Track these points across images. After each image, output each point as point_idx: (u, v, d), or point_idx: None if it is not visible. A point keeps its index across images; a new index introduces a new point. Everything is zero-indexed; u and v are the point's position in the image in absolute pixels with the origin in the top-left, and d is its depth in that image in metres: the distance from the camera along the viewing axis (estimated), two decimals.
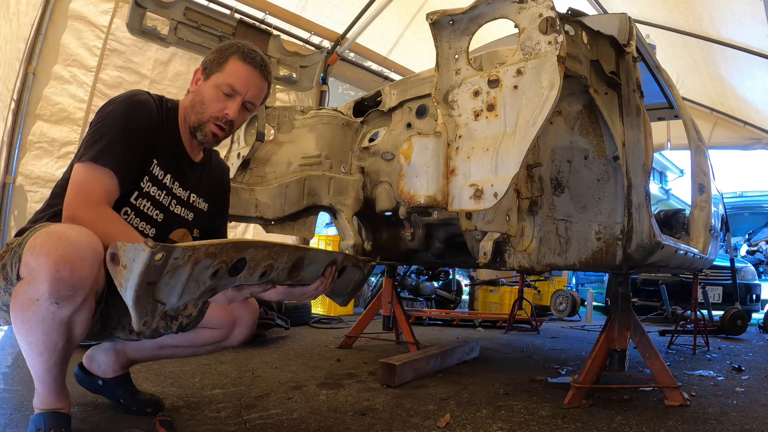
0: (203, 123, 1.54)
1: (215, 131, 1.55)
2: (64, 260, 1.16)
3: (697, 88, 6.02)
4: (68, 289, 1.18)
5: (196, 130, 1.55)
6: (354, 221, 2.86)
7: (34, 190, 3.52)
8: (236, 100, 1.52)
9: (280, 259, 1.30)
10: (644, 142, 1.97)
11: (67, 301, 1.19)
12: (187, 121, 1.57)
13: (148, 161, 1.50)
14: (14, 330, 1.26)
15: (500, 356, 3.40)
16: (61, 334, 1.24)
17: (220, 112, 1.52)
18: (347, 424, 1.74)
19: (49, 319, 1.21)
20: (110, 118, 1.42)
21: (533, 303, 5.61)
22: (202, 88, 1.54)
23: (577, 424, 1.84)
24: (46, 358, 1.27)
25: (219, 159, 1.82)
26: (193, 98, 1.56)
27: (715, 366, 3.26)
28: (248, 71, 1.52)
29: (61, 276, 1.16)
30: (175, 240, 1.64)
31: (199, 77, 1.56)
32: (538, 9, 1.46)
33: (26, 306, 1.21)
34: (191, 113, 1.56)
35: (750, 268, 7.04)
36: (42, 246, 1.18)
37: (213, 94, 1.52)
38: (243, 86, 1.52)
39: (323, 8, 4.94)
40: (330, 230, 8.19)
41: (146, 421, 1.58)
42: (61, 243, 1.17)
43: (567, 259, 2.12)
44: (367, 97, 2.93)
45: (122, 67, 3.90)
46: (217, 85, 1.51)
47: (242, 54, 1.52)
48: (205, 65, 1.55)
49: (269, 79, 1.60)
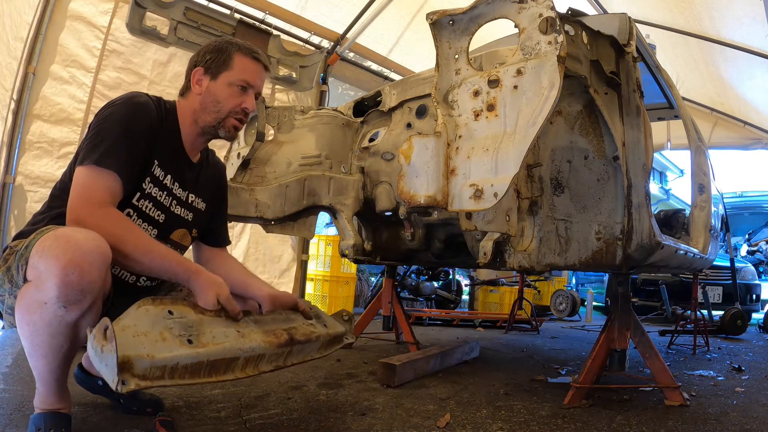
0: (222, 119, 1.58)
1: (236, 125, 1.61)
2: (73, 264, 1.16)
3: (697, 88, 6.01)
4: (77, 293, 1.18)
5: (217, 128, 1.60)
6: (354, 221, 2.86)
7: (34, 190, 3.51)
8: (251, 94, 1.60)
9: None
10: (644, 142, 1.97)
11: (76, 305, 1.19)
12: (198, 122, 1.59)
13: (150, 162, 1.50)
14: (19, 331, 1.26)
15: (500, 356, 3.40)
16: (66, 337, 1.24)
17: (239, 106, 1.58)
18: (347, 424, 1.74)
19: (56, 322, 1.21)
20: (110, 120, 1.42)
21: (533, 303, 5.62)
22: (213, 88, 1.57)
23: (577, 424, 1.84)
24: (50, 359, 1.27)
25: (216, 158, 1.83)
26: (203, 99, 1.57)
27: (715, 366, 3.26)
28: (255, 65, 1.59)
29: (69, 280, 1.16)
30: (176, 240, 1.65)
31: (200, 78, 1.57)
32: (538, 9, 1.46)
33: (33, 308, 1.21)
34: (204, 114, 1.58)
35: (750, 268, 7.05)
36: (50, 249, 1.18)
37: (228, 92, 1.57)
38: (255, 79, 1.60)
39: (323, 8, 4.93)
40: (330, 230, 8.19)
41: (146, 421, 1.58)
42: (69, 247, 1.17)
43: (567, 259, 2.12)
44: (367, 97, 2.93)
45: (121, 68, 3.89)
46: (230, 83, 1.56)
47: (244, 50, 1.59)
48: (207, 66, 1.57)
49: (269, 68, 1.68)
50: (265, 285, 1.67)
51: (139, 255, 1.32)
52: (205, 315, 1.33)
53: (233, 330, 1.35)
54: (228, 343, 1.30)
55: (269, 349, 1.41)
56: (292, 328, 1.55)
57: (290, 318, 1.62)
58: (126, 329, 1.12)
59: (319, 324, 1.70)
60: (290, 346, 1.49)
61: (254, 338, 1.38)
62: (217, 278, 1.40)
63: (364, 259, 2.97)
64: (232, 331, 1.35)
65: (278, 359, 1.47)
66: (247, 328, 1.41)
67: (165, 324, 1.21)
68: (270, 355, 1.43)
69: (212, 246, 1.78)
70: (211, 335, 1.29)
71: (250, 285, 1.64)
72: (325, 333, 1.67)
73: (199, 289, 1.36)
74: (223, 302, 1.36)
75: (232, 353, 1.30)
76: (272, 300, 1.58)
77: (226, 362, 1.29)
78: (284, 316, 1.60)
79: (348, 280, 5.65)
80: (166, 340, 1.17)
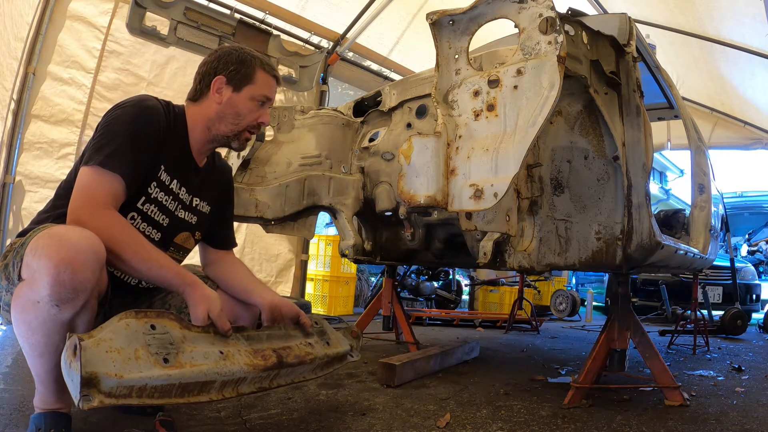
0: (239, 132, 1.62)
1: (248, 137, 1.66)
2: (66, 263, 1.16)
3: (697, 88, 6.02)
4: (69, 292, 1.18)
5: (231, 139, 1.63)
6: (354, 221, 2.86)
7: (34, 190, 3.52)
8: (267, 108, 1.65)
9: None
10: (644, 142, 1.97)
11: (68, 303, 1.19)
12: (212, 129, 1.60)
13: (156, 167, 1.51)
14: (15, 331, 1.26)
15: (500, 356, 3.40)
16: (62, 337, 1.23)
17: (256, 120, 1.62)
18: (347, 424, 1.74)
19: (51, 321, 1.21)
20: (119, 122, 1.42)
21: (533, 303, 5.62)
22: (235, 100, 1.58)
23: (577, 424, 1.84)
24: (47, 359, 1.27)
25: (222, 160, 1.84)
26: (222, 109, 1.58)
27: (715, 366, 3.26)
28: (273, 81, 1.65)
29: (62, 279, 1.16)
30: (179, 243, 1.65)
31: (221, 87, 1.57)
32: (538, 9, 1.46)
33: (27, 308, 1.21)
34: (221, 124, 1.59)
35: (750, 268, 7.05)
36: (43, 248, 1.18)
37: (250, 106, 1.60)
38: (273, 94, 1.66)
39: (323, 8, 4.94)
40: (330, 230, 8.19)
41: (146, 421, 1.58)
42: (62, 246, 1.17)
43: (567, 259, 2.12)
44: (367, 97, 2.93)
45: (120, 69, 3.88)
46: (252, 97, 1.60)
47: (266, 66, 1.64)
48: (230, 76, 1.57)
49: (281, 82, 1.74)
50: (267, 291, 1.67)
51: (136, 262, 1.32)
52: (191, 331, 1.29)
53: (216, 350, 1.30)
54: (206, 365, 1.25)
55: (252, 373, 1.35)
56: (285, 348, 1.48)
57: (289, 334, 1.56)
58: (101, 343, 1.10)
59: (320, 343, 1.64)
60: (278, 369, 1.42)
61: (237, 360, 1.32)
62: (211, 293, 1.39)
63: (364, 259, 2.97)
64: (215, 351, 1.29)
65: (263, 381, 1.41)
66: (235, 347, 1.35)
67: (143, 340, 1.17)
68: (253, 378, 1.37)
69: (218, 248, 1.78)
70: (191, 355, 1.23)
71: (252, 291, 1.64)
72: (323, 354, 1.61)
73: (191, 302, 1.35)
74: (214, 318, 1.34)
75: (208, 377, 1.25)
76: (272, 309, 1.58)
77: (200, 384, 1.24)
78: (282, 332, 1.55)
79: (348, 280, 5.65)
80: (139, 358, 1.14)
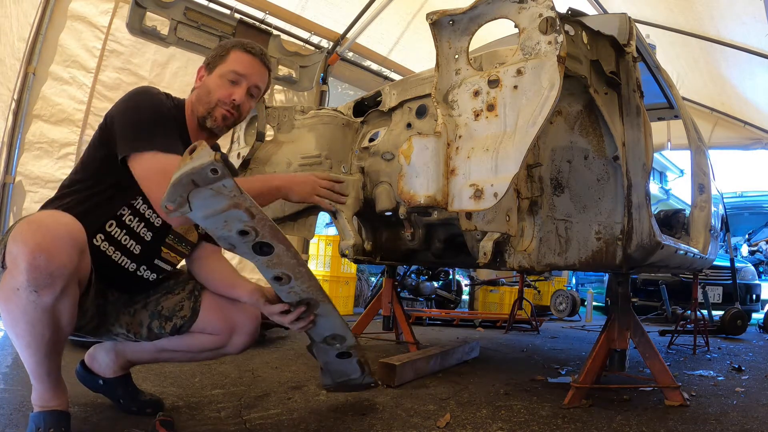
0: (211, 109, 1.59)
1: (224, 114, 1.59)
2: (41, 248, 1.16)
3: (697, 88, 6.01)
4: (45, 277, 1.18)
5: (205, 119, 1.60)
6: (354, 221, 2.86)
7: (34, 191, 3.51)
8: (242, 86, 1.60)
9: (299, 282, 1.39)
10: (644, 142, 1.97)
11: (47, 288, 1.19)
12: (194, 114, 1.61)
13: None
14: (3, 323, 1.26)
15: (500, 356, 3.40)
16: (46, 325, 1.24)
17: (228, 97, 1.58)
18: (347, 424, 1.74)
19: (31, 308, 1.21)
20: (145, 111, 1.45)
21: (533, 303, 5.62)
22: (207, 81, 1.60)
23: (577, 424, 1.84)
24: (34, 350, 1.26)
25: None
26: (198, 92, 1.61)
27: (715, 366, 3.26)
28: (250, 58, 1.61)
29: (37, 264, 1.16)
30: (181, 233, 1.67)
31: (202, 74, 1.63)
32: (538, 9, 1.46)
33: (9, 296, 1.21)
34: (198, 105, 1.60)
35: (750, 268, 7.05)
36: (20, 234, 1.19)
37: (219, 83, 1.58)
38: (246, 70, 1.60)
39: (323, 8, 4.94)
40: (330, 230, 8.20)
41: (146, 421, 1.58)
42: (39, 231, 1.18)
43: (567, 259, 2.12)
44: (367, 97, 2.93)
45: (121, 69, 3.89)
46: (221, 74, 1.58)
47: (242, 45, 1.62)
48: (208, 62, 1.63)
49: (270, 67, 1.67)
50: (250, 283, 1.69)
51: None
52: None
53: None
54: None
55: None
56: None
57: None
58: None
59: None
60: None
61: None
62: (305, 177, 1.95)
63: (364, 259, 2.97)
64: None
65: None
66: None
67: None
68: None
69: (208, 241, 1.77)
70: None
71: (234, 285, 1.66)
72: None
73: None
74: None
75: None
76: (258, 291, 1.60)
77: None
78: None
79: (348, 280, 5.65)
80: None
